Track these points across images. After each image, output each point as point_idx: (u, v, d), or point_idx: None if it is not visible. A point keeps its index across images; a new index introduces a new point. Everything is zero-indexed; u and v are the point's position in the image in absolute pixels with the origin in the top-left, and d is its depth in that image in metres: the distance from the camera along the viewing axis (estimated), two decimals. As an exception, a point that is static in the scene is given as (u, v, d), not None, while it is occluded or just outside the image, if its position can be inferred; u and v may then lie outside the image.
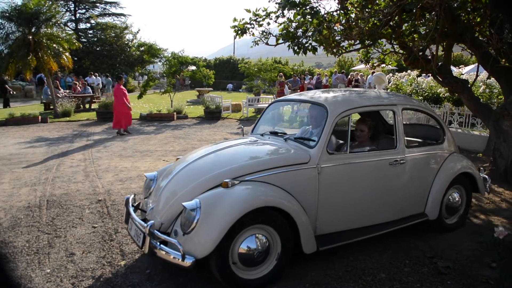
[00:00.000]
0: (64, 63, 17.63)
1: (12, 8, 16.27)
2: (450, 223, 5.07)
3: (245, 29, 7.63)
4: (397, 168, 4.45)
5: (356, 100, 4.71)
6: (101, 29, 41.83)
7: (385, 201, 4.45)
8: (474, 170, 5.19)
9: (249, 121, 15.75)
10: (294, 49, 7.37)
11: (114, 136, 12.43)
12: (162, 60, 18.79)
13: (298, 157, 3.98)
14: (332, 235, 4.07)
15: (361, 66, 24.08)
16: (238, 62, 38.25)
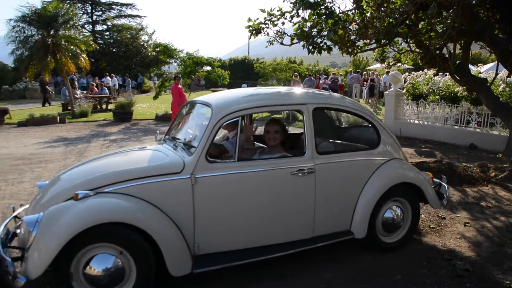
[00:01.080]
0: (81, 64, 17.91)
1: (32, 12, 16.57)
2: (390, 242, 4.37)
3: (260, 29, 7.61)
4: (303, 179, 3.78)
5: (249, 99, 4.06)
6: (117, 31, 42.34)
7: (287, 218, 3.81)
8: (421, 180, 4.45)
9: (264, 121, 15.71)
10: (309, 48, 7.33)
11: (130, 136, 12.55)
12: (177, 61, 18.90)
13: (170, 166, 3.50)
14: (218, 255, 3.56)
15: (377, 66, 23.89)
16: (253, 62, 38.26)
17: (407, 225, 4.44)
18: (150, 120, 16.45)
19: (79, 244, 3.05)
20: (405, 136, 11.69)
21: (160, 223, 3.29)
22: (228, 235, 3.62)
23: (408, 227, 4.44)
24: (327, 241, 3.97)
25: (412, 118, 12.24)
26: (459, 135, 10.51)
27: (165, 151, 3.90)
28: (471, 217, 5.47)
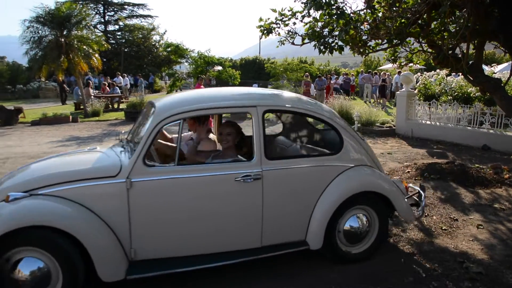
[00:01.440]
0: (93, 64, 18.08)
1: (46, 12, 16.78)
2: (354, 253, 4.10)
3: (271, 29, 7.60)
4: (248, 186, 3.59)
5: (195, 101, 3.91)
6: (129, 31, 42.65)
7: (232, 226, 3.65)
8: (388, 189, 4.12)
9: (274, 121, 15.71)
10: (320, 48, 7.31)
11: (141, 136, 12.60)
12: (188, 61, 18.98)
13: (106, 169, 3.43)
14: (157, 261, 3.47)
15: (388, 66, 23.76)
16: (264, 62, 38.25)
17: (373, 235, 4.14)
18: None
19: (5, 246, 3.04)
20: (416, 136, 11.60)
21: (91, 227, 3.23)
22: (168, 242, 3.51)
23: (374, 238, 4.14)
24: (278, 252, 3.78)
25: (424, 118, 12.14)
26: (472, 136, 10.40)
27: (111, 153, 3.83)
28: (484, 219, 5.40)
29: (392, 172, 7.63)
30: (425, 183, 6.78)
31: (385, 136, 11.99)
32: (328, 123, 4.08)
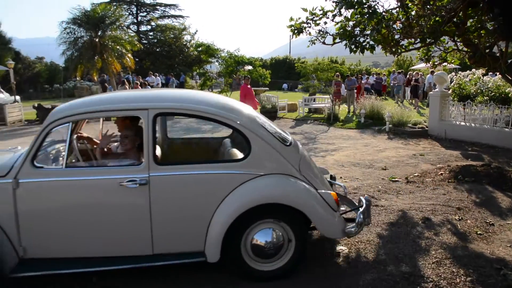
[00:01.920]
0: (126, 63, 18.50)
1: (82, 14, 17.26)
2: (266, 270, 3.76)
3: (302, 29, 7.60)
4: (135, 191, 3.46)
5: (88, 103, 3.86)
6: (161, 31, 43.33)
7: (120, 231, 3.55)
8: (303, 201, 3.68)
9: (304, 121, 15.67)
10: (351, 48, 7.24)
11: (172, 135, 12.75)
12: (219, 60, 19.13)
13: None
14: (48, 261, 3.49)
15: (421, 65, 23.25)
16: (294, 62, 38.13)
17: (289, 252, 3.78)
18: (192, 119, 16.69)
19: None
20: (450, 138, 11.31)
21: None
22: (57, 242, 3.51)
23: (290, 255, 3.78)
24: (173, 261, 3.58)
25: (458, 119, 11.83)
26: (509, 138, 10.04)
27: (16, 154, 3.86)
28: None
29: (424, 174, 7.48)
30: (459, 186, 6.61)
31: (417, 137, 11.75)
32: (233, 127, 3.77)
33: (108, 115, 3.99)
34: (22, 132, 14.27)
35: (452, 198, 6.04)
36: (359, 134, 12.69)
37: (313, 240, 4.66)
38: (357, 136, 12.33)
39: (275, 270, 3.76)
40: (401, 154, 9.40)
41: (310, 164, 4.21)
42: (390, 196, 6.29)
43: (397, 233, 4.81)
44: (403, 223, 5.10)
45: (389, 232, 4.86)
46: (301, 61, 34.50)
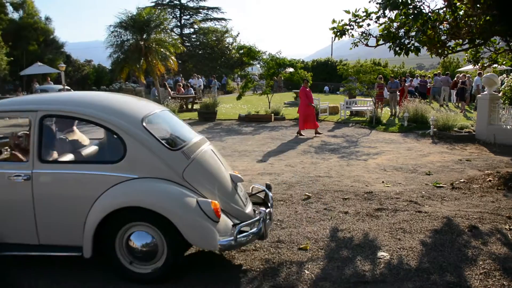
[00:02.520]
0: (170, 66, 18.90)
1: (129, 18, 17.79)
2: (140, 272, 3.80)
3: (344, 31, 7.51)
4: (20, 185, 3.78)
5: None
6: (203, 34, 44.08)
7: (9, 220, 3.88)
8: (169, 207, 3.64)
9: (346, 124, 15.47)
10: (395, 50, 7.09)
11: (214, 135, 12.96)
12: (260, 62, 19.20)
13: None
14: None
15: (469, 67, 22.40)
16: (336, 64, 37.70)
17: (162, 257, 3.75)
18: (233, 121, 16.87)
19: None
20: (499, 143, 10.85)
21: None
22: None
23: (164, 260, 3.74)
24: (55, 253, 3.85)
25: (509, 124, 11.33)
26: None
27: None
28: None
29: (471, 180, 7.21)
30: (510, 193, 6.34)
31: (464, 142, 11.35)
32: (109, 130, 3.90)
33: (2, 115, 4.64)
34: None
35: (502, 206, 5.79)
36: (402, 138, 12.40)
37: (353, 244, 4.59)
38: (399, 140, 12.06)
39: (149, 274, 3.80)
40: (446, 159, 9.11)
41: (205, 171, 4.16)
42: (434, 202, 6.10)
43: (441, 240, 4.66)
44: (447, 231, 4.93)
45: (433, 239, 4.72)
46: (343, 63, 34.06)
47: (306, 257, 4.29)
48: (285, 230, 5.01)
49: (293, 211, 5.70)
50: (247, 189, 5.01)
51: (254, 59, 19.37)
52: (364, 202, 6.11)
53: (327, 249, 4.48)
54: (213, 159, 4.39)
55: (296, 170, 8.21)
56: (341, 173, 7.95)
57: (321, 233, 4.92)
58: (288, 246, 4.55)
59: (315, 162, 8.95)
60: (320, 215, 5.55)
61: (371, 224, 5.21)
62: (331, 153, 9.96)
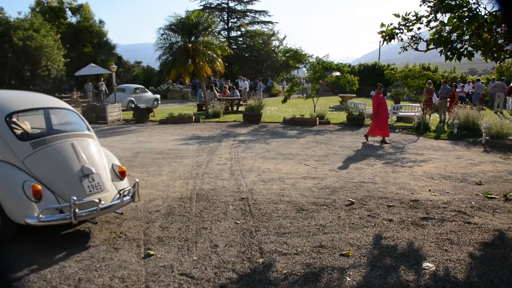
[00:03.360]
0: (216, 68, 19.16)
1: (178, 21, 18.20)
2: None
3: (393, 34, 7.37)
4: None
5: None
6: (250, 37, 44.36)
7: None
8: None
9: (392, 130, 15.12)
10: (447, 55, 6.87)
11: (258, 138, 13.02)
12: (307, 66, 19.11)
13: None
14: None
15: (527, 73, 21.33)
16: (383, 68, 36.96)
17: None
18: (277, 124, 16.88)
19: None
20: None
21: None
22: None
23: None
24: None
25: None
26: None
27: None
28: None
29: (526, 191, 6.86)
30: None
31: (519, 151, 10.80)
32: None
33: None
34: (120, 130, 15.39)
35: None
36: (451, 145, 11.96)
37: (397, 253, 4.49)
38: (449, 147, 11.64)
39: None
40: (499, 169, 8.71)
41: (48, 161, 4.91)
42: (484, 213, 5.85)
43: (492, 255, 4.46)
44: (500, 245, 4.72)
45: (483, 252, 4.52)
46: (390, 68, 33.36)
47: (348, 264, 4.23)
48: (327, 235, 4.97)
49: (336, 217, 5.64)
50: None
51: (300, 63, 19.31)
52: (409, 210, 5.96)
53: (370, 257, 4.40)
54: (65, 152, 5.07)
55: (340, 175, 8.11)
56: (386, 179, 7.78)
57: (364, 240, 4.84)
58: (330, 252, 4.51)
59: (359, 167, 8.81)
60: (364, 222, 5.46)
61: (416, 233, 5.07)
62: (376, 159, 9.76)
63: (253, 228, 5.19)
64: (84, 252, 4.50)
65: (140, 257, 4.37)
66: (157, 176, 7.95)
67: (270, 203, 6.23)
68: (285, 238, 4.87)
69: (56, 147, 5.04)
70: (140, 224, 5.35)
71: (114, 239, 4.85)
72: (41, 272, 4.01)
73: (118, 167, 5.61)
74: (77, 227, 5.14)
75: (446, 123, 16.46)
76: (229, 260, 4.30)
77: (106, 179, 5.23)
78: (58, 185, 4.78)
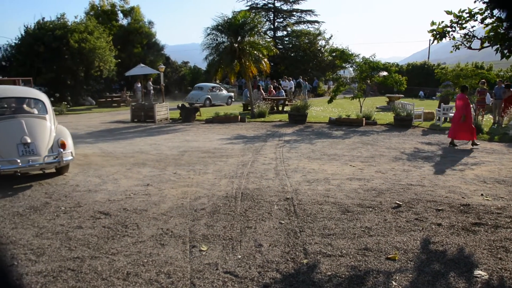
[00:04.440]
0: (262, 68, 19.24)
1: (225, 21, 18.44)
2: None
3: (445, 33, 7.12)
4: None
5: None
6: (296, 36, 44.24)
7: None
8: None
9: (442, 131, 14.62)
10: (504, 53, 6.56)
11: (303, 138, 12.97)
12: (353, 66, 18.83)
13: None
14: None
15: None
16: (433, 68, 35.78)
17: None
18: (323, 124, 16.74)
19: None
20: None
21: None
22: None
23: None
24: None
25: None
26: None
27: None
28: None
29: None
30: None
31: None
32: None
33: None
34: (167, 129, 15.78)
35: None
36: (506, 148, 11.42)
37: (446, 259, 4.34)
38: (503, 150, 11.12)
39: None
40: (559, 174, 8.23)
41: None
42: (542, 220, 5.56)
43: (550, 263, 4.23)
44: (559, 254, 4.47)
45: (540, 261, 4.30)
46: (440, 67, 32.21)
47: (394, 268, 4.15)
48: (372, 238, 4.89)
49: (382, 219, 5.53)
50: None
51: (346, 62, 19.05)
52: (459, 215, 5.75)
53: (417, 262, 4.29)
54: (11, 127, 7.36)
55: (386, 176, 7.95)
56: (435, 182, 7.54)
57: (411, 244, 4.72)
58: (376, 255, 4.43)
59: (407, 169, 8.59)
60: (411, 225, 5.32)
61: (467, 239, 4.88)
62: (425, 161, 9.47)
63: (297, 229, 5.19)
64: (132, 247, 4.65)
65: (186, 254, 4.47)
66: (203, 174, 8.09)
67: (315, 203, 6.20)
68: (330, 240, 4.84)
69: (6, 122, 7.43)
70: (186, 221, 5.47)
71: (160, 236, 4.98)
72: (92, 264, 4.19)
73: (60, 140, 7.71)
74: (125, 223, 5.34)
75: (500, 125, 15.73)
76: (273, 260, 4.31)
77: (42, 148, 7.38)
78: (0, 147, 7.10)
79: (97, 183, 7.47)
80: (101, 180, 7.68)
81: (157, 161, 9.43)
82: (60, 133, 8.01)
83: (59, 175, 7.94)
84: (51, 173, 7.95)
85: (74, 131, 14.65)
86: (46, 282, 3.83)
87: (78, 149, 10.90)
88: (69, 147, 7.82)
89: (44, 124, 7.76)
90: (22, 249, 4.57)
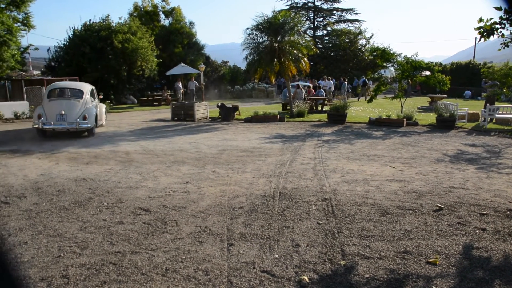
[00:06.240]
0: (302, 67, 19.17)
1: (265, 21, 18.49)
2: None
3: (493, 30, 6.86)
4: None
5: None
6: (336, 35, 43.80)
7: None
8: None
9: (487, 132, 14.10)
10: (558, 51, 6.27)
11: (342, 138, 12.84)
12: (394, 65, 18.45)
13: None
14: None
15: None
16: (479, 67, 34.51)
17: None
18: (363, 124, 16.50)
19: None
20: None
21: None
22: None
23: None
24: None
25: None
26: None
27: None
28: None
29: None
30: None
31: None
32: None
33: None
34: (206, 127, 16.01)
35: None
36: (558, 151, 10.89)
37: (491, 266, 4.20)
38: (555, 153, 10.61)
39: None
40: None
41: (50, 105, 13.25)
42: None
43: None
44: None
45: None
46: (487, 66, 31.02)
47: (434, 273, 4.06)
48: (412, 241, 4.79)
49: (422, 222, 5.41)
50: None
51: (387, 62, 18.68)
52: (506, 220, 5.54)
53: (459, 267, 4.17)
54: (56, 104, 13.23)
55: (427, 178, 7.75)
56: (479, 185, 7.29)
57: (453, 249, 4.60)
58: (415, 258, 4.35)
59: (449, 171, 8.34)
60: (453, 229, 5.18)
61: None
62: (468, 163, 9.17)
63: (335, 230, 5.16)
64: (171, 243, 4.77)
65: (223, 252, 4.54)
66: (241, 173, 8.17)
67: (354, 204, 6.14)
68: (368, 242, 4.78)
69: (54, 101, 13.25)
70: (224, 219, 5.54)
71: (199, 233, 5.08)
72: (132, 259, 4.32)
73: (84, 115, 12.99)
74: (165, 220, 5.48)
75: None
76: (310, 260, 4.31)
77: (71, 118, 12.78)
78: (48, 115, 12.71)
79: (138, 180, 7.69)
80: (141, 177, 7.90)
81: (196, 159, 9.59)
82: (87, 110, 13.30)
83: (89, 137, 13.22)
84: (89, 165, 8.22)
85: (116, 129, 15.16)
86: (90, 275, 3.99)
87: (120, 146, 11.29)
88: (89, 119, 13.06)
89: (77, 105, 13.29)
90: (67, 242, 4.78)
